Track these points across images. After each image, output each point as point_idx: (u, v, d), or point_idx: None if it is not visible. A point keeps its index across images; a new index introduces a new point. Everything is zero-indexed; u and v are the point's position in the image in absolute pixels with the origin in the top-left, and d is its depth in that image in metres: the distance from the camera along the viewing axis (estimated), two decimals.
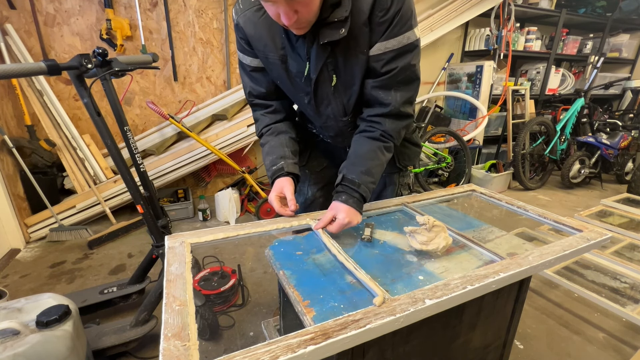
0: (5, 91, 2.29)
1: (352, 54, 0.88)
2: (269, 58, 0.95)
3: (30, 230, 2.30)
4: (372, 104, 0.96)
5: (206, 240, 0.84)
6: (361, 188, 0.91)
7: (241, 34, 0.96)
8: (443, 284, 0.67)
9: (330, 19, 0.81)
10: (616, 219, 2.28)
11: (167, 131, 2.69)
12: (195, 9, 2.67)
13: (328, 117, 1.04)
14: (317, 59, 0.88)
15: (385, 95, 0.92)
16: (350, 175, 0.93)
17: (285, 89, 1.04)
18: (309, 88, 0.96)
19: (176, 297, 0.61)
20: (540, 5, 3.43)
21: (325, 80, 0.94)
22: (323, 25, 0.82)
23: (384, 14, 0.81)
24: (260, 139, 1.12)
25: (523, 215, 1.09)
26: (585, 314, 1.65)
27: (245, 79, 1.07)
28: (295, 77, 0.96)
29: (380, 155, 0.96)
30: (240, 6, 0.93)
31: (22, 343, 0.89)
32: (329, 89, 0.96)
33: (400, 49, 0.86)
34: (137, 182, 1.37)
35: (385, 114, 0.95)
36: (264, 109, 1.10)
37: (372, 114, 0.97)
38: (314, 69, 0.90)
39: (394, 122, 0.96)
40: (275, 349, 0.50)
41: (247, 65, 1.02)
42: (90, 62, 1.21)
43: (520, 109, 3.61)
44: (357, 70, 0.91)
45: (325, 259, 0.81)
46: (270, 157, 1.04)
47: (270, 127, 1.09)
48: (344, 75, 0.92)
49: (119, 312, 1.61)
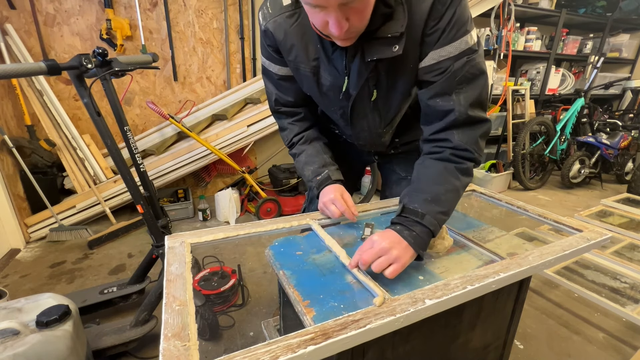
0: (5, 91, 2.29)
1: (398, 68, 0.79)
2: (300, 69, 0.87)
3: (30, 230, 2.30)
4: (432, 118, 0.81)
5: (206, 240, 0.84)
6: (426, 219, 0.72)
7: (270, 40, 0.88)
8: (443, 284, 0.67)
9: (381, 34, 0.72)
10: (616, 219, 2.28)
11: (167, 131, 2.69)
12: (195, 9, 2.67)
13: (362, 129, 0.98)
14: (359, 75, 0.80)
15: (445, 103, 0.77)
16: (413, 205, 0.75)
17: (316, 100, 0.98)
18: (345, 102, 0.90)
19: (176, 297, 0.61)
20: (540, 5, 3.43)
21: (364, 96, 0.86)
22: (370, 39, 0.73)
23: (437, 22, 0.72)
24: (291, 149, 1.07)
25: (523, 215, 1.09)
26: (585, 314, 1.65)
27: (270, 87, 1.01)
28: (329, 90, 0.89)
29: (452, 180, 0.77)
30: (269, 11, 0.84)
31: (22, 343, 0.89)
32: (368, 104, 0.88)
33: (458, 55, 0.74)
34: (137, 182, 1.37)
35: (450, 125, 0.77)
36: (291, 117, 1.04)
37: (435, 131, 0.80)
38: (355, 85, 0.83)
39: (466, 132, 0.78)
40: (275, 349, 0.50)
41: (274, 74, 0.96)
42: (90, 62, 1.21)
43: (520, 109, 3.61)
44: (402, 83, 0.83)
45: (325, 259, 0.81)
46: (311, 166, 0.99)
47: (302, 136, 1.04)
48: (386, 89, 0.84)
49: (119, 312, 1.61)
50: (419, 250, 0.72)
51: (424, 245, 0.73)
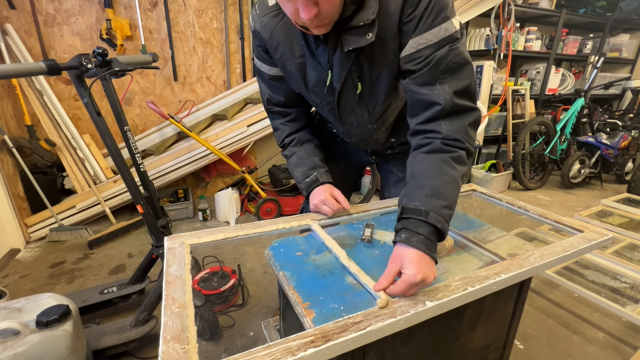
0: (5, 91, 2.29)
1: (379, 58, 0.80)
2: (287, 67, 0.90)
3: (30, 230, 2.29)
4: (418, 109, 0.79)
5: (206, 241, 0.83)
6: (430, 217, 0.66)
7: (258, 41, 0.91)
8: (444, 286, 0.67)
9: (354, 23, 0.73)
10: (616, 219, 2.28)
11: (167, 131, 2.69)
12: (195, 9, 2.67)
13: (352, 125, 1.00)
14: (341, 68, 0.82)
15: (430, 92, 0.74)
16: (413, 204, 0.69)
17: (306, 97, 1.00)
18: (331, 97, 0.91)
19: (175, 299, 0.61)
20: (540, 5, 3.42)
21: (349, 89, 0.88)
22: (346, 30, 0.75)
23: (413, 10, 0.71)
24: (283, 150, 1.08)
25: (523, 215, 1.09)
26: (585, 314, 1.65)
27: (262, 87, 1.03)
28: (315, 86, 0.91)
29: (449, 170, 0.73)
30: (256, 12, 0.88)
31: (22, 343, 0.89)
32: (354, 98, 0.90)
33: (438, 43, 0.72)
34: (137, 182, 1.37)
35: (437, 116, 0.75)
36: (284, 117, 1.06)
37: (422, 121, 0.78)
38: (338, 78, 0.85)
39: (454, 121, 0.75)
40: (275, 351, 0.50)
41: (265, 74, 0.98)
42: (90, 62, 1.21)
43: (520, 109, 3.61)
44: (385, 75, 0.83)
45: (326, 260, 0.81)
46: (301, 168, 1.01)
47: (294, 137, 1.06)
48: (370, 82, 0.85)
49: (119, 312, 1.61)
50: (433, 255, 0.66)
51: (434, 247, 0.67)
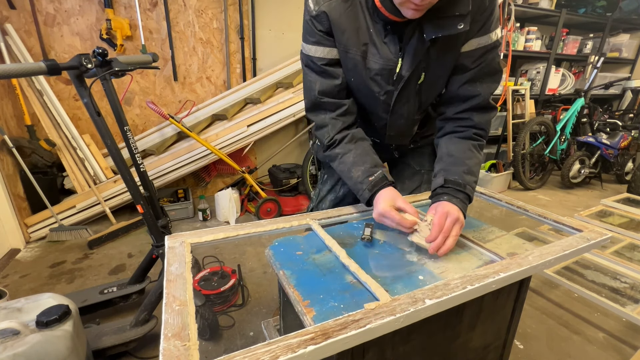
0: (5, 91, 2.29)
1: (446, 50, 0.87)
2: (349, 52, 0.90)
3: (30, 230, 2.30)
4: (456, 100, 0.94)
5: (206, 240, 0.83)
6: (467, 188, 0.86)
7: (322, 25, 0.89)
8: (443, 284, 0.67)
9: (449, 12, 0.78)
10: (616, 219, 2.28)
11: (167, 131, 2.69)
12: (195, 9, 2.67)
13: (400, 116, 1.00)
14: (415, 56, 0.86)
15: (472, 89, 0.91)
16: (453, 177, 0.87)
17: (356, 87, 0.97)
18: (391, 87, 0.93)
19: (176, 297, 0.61)
20: (540, 5, 3.43)
21: (414, 78, 0.91)
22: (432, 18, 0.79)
23: (483, 12, 0.83)
24: (332, 147, 0.98)
25: (523, 215, 1.09)
26: (585, 314, 1.65)
27: (312, 78, 0.96)
28: (377, 74, 0.92)
29: (477, 154, 0.93)
30: None
31: (22, 343, 0.89)
32: (414, 87, 0.93)
33: (489, 45, 0.87)
34: (137, 182, 1.37)
35: (473, 108, 0.92)
36: (335, 110, 0.97)
37: (460, 110, 0.94)
38: (409, 66, 0.88)
39: (483, 115, 0.93)
40: (275, 348, 0.50)
41: (318, 59, 0.93)
42: (90, 62, 1.21)
43: (520, 109, 3.61)
44: (447, 67, 0.90)
45: (325, 259, 0.81)
46: (361, 166, 0.92)
47: (347, 134, 0.97)
48: (432, 72, 0.91)
49: (119, 312, 1.61)
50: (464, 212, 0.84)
51: (465, 208, 0.85)
